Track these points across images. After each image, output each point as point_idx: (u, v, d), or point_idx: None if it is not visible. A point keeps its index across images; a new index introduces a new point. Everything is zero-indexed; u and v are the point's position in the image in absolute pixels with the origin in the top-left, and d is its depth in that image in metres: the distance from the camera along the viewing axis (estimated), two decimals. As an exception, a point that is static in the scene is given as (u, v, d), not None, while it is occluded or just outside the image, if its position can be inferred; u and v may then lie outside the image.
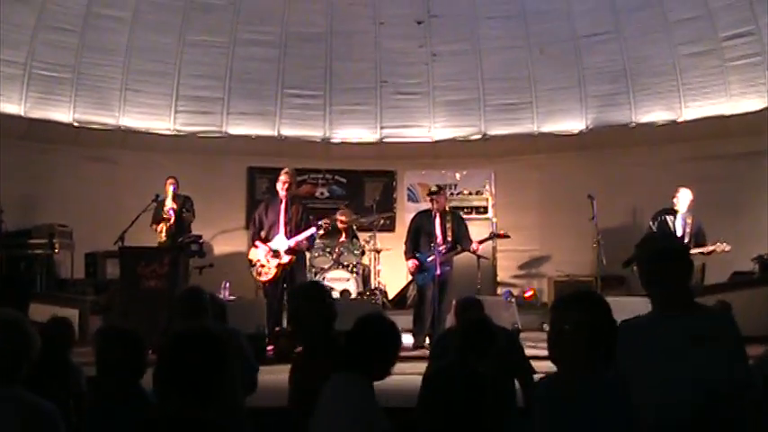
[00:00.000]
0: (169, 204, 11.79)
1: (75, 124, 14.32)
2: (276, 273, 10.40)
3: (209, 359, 2.89)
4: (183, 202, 11.99)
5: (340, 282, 12.00)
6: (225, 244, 14.37)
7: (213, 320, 5.65)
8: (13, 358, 3.30)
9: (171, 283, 10.34)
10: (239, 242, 14.22)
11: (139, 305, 10.17)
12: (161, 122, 15.02)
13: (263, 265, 10.46)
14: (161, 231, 11.83)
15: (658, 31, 14.25)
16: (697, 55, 14.00)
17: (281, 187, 10.59)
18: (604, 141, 14.80)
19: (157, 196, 11.59)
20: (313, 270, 12.22)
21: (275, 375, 6.05)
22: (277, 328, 10.12)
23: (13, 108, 13.65)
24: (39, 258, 12.36)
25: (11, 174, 12.63)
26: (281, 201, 10.58)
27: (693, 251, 10.75)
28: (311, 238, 10.84)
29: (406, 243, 11.13)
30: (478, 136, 15.55)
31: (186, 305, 5.52)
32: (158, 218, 11.93)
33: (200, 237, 11.97)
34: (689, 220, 10.84)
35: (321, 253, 12.44)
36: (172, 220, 11.76)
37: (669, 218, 10.95)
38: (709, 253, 10.65)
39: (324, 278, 12.03)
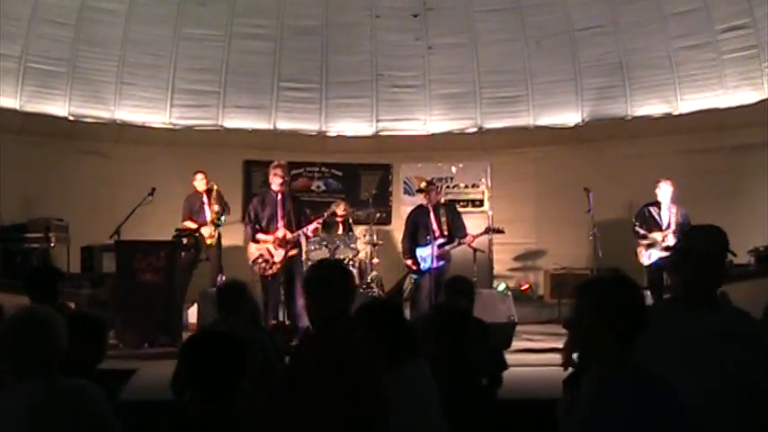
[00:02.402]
0: (210, 216, 12.03)
1: (71, 118, 14.30)
2: (281, 267, 10.38)
3: (230, 360, 2.91)
4: (224, 205, 12.26)
5: (336, 275, 11.94)
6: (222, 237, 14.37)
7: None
8: (39, 350, 3.36)
9: (167, 277, 10.36)
10: (235, 235, 14.21)
11: (136, 299, 10.20)
12: (156, 116, 15.00)
13: (266, 260, 10.41)
14: (210, 235, 11.99)
15: (654, 24, 14.26)
16: (693, 48, 14.01)
17: (278, 182, 10.50)
18: (600, 134, 14.82)
19: (153, 190, 11.59)
20: (309, 263, 12.21)
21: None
22: (274, 322, 10.13)
23: (9, 102, 13.63)
24: (35, 252, 12.37)
25: (6, 168, 12.64)
26: (278, 194, 10.53)
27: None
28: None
29: (403, 241, 11.15)
30: (474, 129, 15.54)
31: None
32: (191, 214, 12.06)
33: (196, 230, 12.00)
34: (674, 210, 10.89)
35: (317, 246, 12.43)
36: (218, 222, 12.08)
37: (654, 209, 11.01)
38: None
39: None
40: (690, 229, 3.75)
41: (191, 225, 12.03)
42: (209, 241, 11.95)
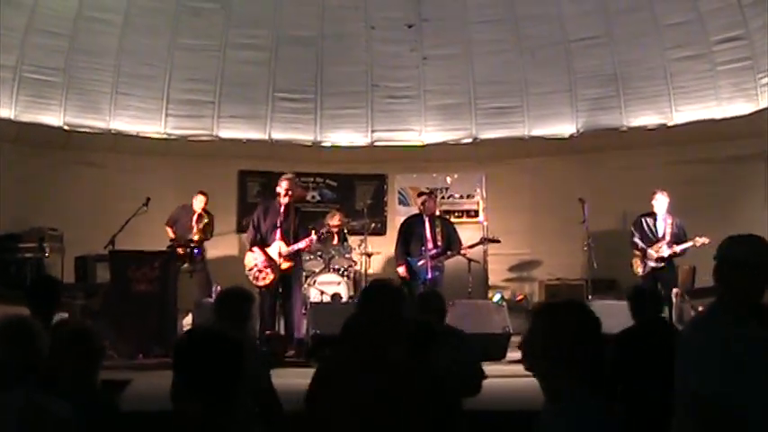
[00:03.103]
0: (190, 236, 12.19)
1: (66, 128, 14.28)
2: (274, 278, 10.37)
3: (227, 362, 2.91)
4: (205, 227, 12.32)
5: (331, 285, 11.98)
6: (216, 248, 14.33)
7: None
8: (18, 360, 3.33)
9: (161, 287, 10.36)
10: (230, 246, 14.22)
11: (130, 309, 10.20)
12: (152, 126, 15.00)
13: (260, 270, 10.40)
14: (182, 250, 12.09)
15: (649, 35, 14.29)
16: (687, 59, 14.04)
17: (283, 194, 10.47)
18: (595, 145, 14.83)
19: (148, 200, 11.59)
20: (304, 274, 12.22)
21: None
22: (268, 332, 10.11)
23: (4, 112, 13.60)
24: (29, 262, 12.34)
25: (1, 177, 12.60)
26: (281, 206, 10.50)
27: (675, 249, 10.83)
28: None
29: (395, 248, 11.14)
30: (469, 140, 15.56)
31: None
32: (174, 224, 12.27)
33: (191, 241, 12.01)
34: (669, 221, 10.92)
35: (312, 257, 12.43)
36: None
37: (650, 220, 11.04)
38: (683, 252, 10.77)
39: (315, 282, 12.02)
40: (732, 238, 3.61)
41: (170, 233, 12.16)
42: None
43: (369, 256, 12.73)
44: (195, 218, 12.33)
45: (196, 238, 12.20)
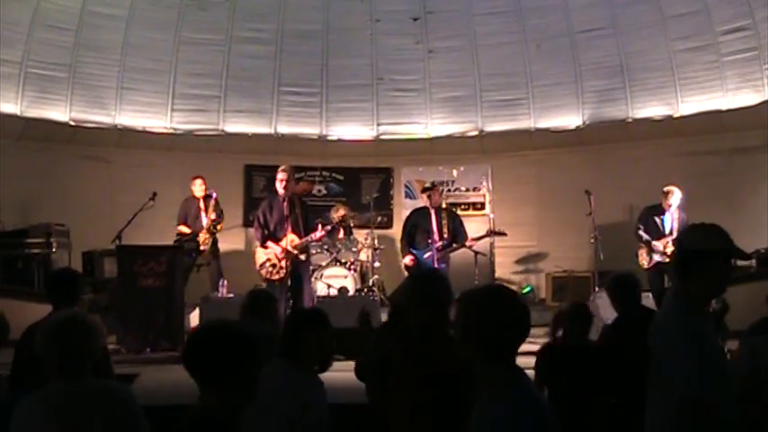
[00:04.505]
0: (206, 222, 12.11)
1: (72, 123, 14.30)
2: (288, 271, 10.32)
3: (236, 351, 2.94)
4: (219, 213, 12.29)
5: (338, 278, 11.99)
6: (222, 242, 14.31)
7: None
8: (82, 352, 3.56)
9: (169, 282, 10.36)
10: (237, 240, 14.24)
11: (137, 303, 10.21)
12: (157, 121, 15.01)
13: (274, 265, 10.34)
14: (204, 242, 12.03)
15: (655, 26, 14.25)
16: (693, 50, 14.00)
17: (280, 185, 10.45)
18: (601, 137, 14.80)
19: (155, 194, 11.60)
20: (311, 267, 12.22)
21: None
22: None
23: (10, 107, 13.62)
24: (36, 257, 12.36)
25: (7, 173, 12.63)
26: (283, 199, 10.47)
27: None
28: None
29: (401, 240, 11.12)
30: (475, 132, 15.54)
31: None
32: (186, 219, 12.18)
33: (196, 235, 12.01)
34: (676, 216, 10.87)
35: (319, 250, 12.44)
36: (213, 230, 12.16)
37: (657, 213, 10.99)
38: None
39: (322, 275, 12.02)
40: (699, 227, 3.59)
41: (185, 230, 12.14)
42: (201, 247, 11.98)
43: (375, 249, 12.74)
44: (202, 204, 12.27)
45: (213, 217, 12.11)
